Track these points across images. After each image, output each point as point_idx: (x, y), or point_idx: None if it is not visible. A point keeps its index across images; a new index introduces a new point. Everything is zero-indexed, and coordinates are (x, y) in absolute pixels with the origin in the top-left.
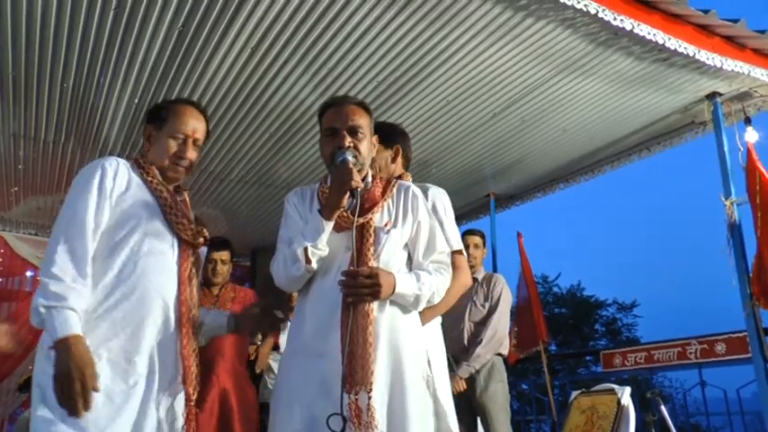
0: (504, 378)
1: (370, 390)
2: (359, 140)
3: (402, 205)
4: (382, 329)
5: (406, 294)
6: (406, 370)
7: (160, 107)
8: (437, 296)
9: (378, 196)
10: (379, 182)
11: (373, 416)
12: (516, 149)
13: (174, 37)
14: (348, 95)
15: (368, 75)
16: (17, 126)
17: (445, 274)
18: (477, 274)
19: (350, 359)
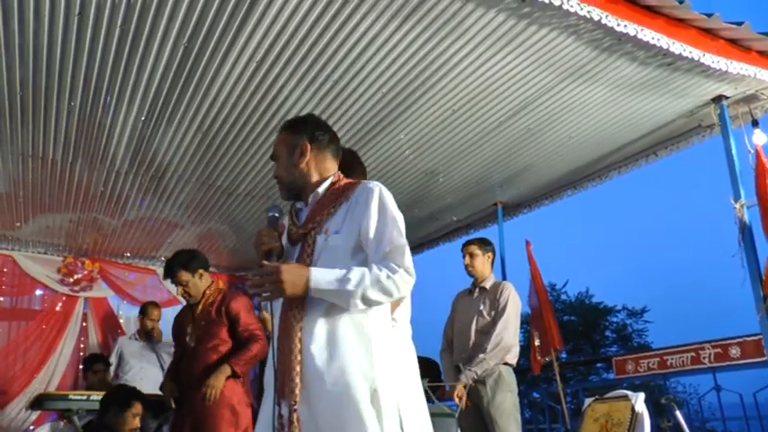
0: (512, 388)
1: (294, 402)
2: (278, 164)
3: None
4: (315, 338)
5: (323, 290)
6: (342, 382)
7: None
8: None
9: (326, 204)
10: (339, 186)
11: (295, 428)
12: (523, 157)
13: (180, 53)
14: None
15: (372, 87)
16: (25, 146)
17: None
18: (484, 283)
19: (279, 370)
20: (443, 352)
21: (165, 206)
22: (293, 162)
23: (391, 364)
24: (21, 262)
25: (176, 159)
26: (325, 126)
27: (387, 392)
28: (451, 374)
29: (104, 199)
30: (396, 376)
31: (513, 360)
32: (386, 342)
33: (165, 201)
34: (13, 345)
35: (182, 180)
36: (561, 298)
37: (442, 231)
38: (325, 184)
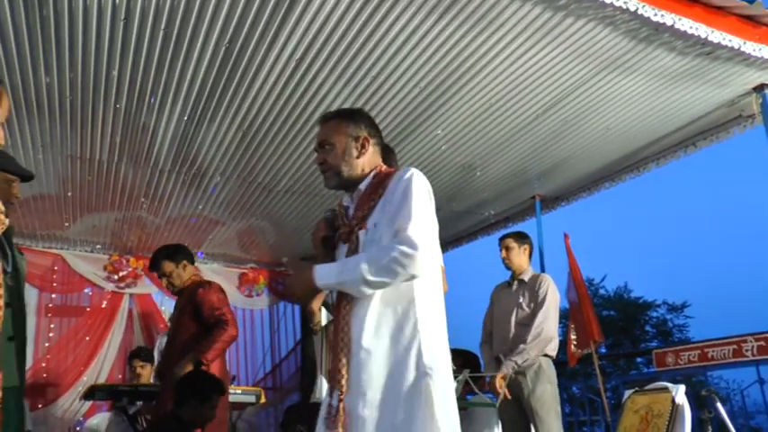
0: (552, 380)
1: (341, 392)
2: (327, 153)
3: (388, 199)
4: (363, 328)
5: (330, 284)
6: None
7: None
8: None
9: (367, 198)
10: (379, 179)
11: (340, 418)
12: (560, 150)
13: (221, 54)
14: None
15: (410, 82)
16: (73, 148)
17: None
18: (523, 276)
19: (330, 360)
20: (483, 344)
21: (207, 203)
22: (352, 154)
23: (439, 352)
24: (69, 260)
25: (218, 157)
26: (376, 125)
27: (434, 380)
28: (491, 366)
29: (148, 197)
30: (444, 363)
31: (552, 352)
32: (433, 329)
33: (207, 198)
34: (65, 340)
35: (223, 177)
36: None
37: (480, 225)
38: (368, 178)
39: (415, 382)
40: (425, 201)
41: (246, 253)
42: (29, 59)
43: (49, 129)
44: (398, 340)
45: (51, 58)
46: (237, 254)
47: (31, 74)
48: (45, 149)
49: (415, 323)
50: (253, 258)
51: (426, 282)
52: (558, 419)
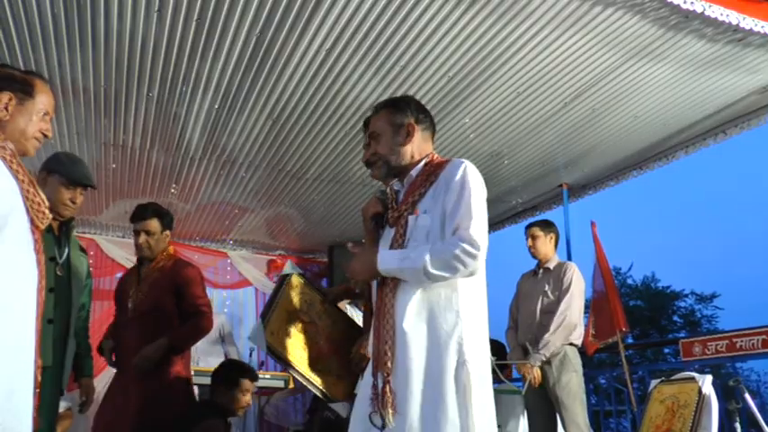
0: (578, 368)
1: (387, 373)
2: (377, 143)
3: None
4: (407, 314)
5: (391, 270)
6: (429, 356)
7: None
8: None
9: (418, 184)
10: (431, 166)
11: (389, 398)
12: (588, 138)
13: (252, 43)
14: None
15: (439, 71)
16: (107, 135)
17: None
18: (548, 264)
19: (374, 344)
20: (509, 330)
21: (237, 191)
22: (399, 141)
23: (479, 342)
24: (102, 245)
25: (247, 145)
26: (425, 108)
27: (472, 368)
28: (517, 353)
29: (178, 184)
30: (482, 353)
31: (577, 340)
32: (474, 319)
33: (237, 186)
34: (98, 323)
35: (252, 165)
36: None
37: (507, 213)
38: (420, 165)
39: (453, 371)
40: (482, 196)
41: (275, 240)
42: (66, 49)
43: (84, 116)
44: (440, 327)
45: (87, 48)
46: (266, 241)
47: (68, 63)
48: (80, 137)
49: (458, 312)
50: (281, 245)
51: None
52: (583, 408)
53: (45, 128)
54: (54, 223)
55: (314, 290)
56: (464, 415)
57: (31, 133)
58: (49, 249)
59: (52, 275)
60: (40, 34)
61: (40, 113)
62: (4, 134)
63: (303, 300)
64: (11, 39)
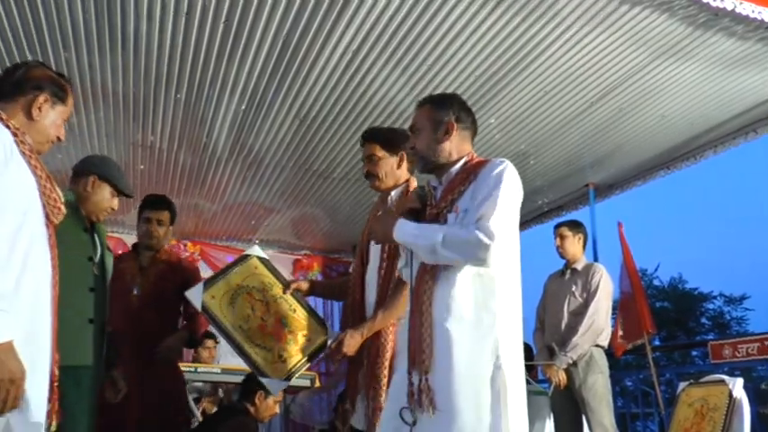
0: (604, 370)
1: (425, 371)
2: (416, 138)
3: (478, 186)
4: (444, 312)
5: (404, 240)
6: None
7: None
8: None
9: (457, 183)
10: (470, 165)
11: (429, 397)
12: (614, 138)
13: (279, 45)
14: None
15: (465, 71)
16: (135, 136)
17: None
18: (576, 265)
19: (411, 340)
20: (536, 332)
21: (263, 191)
22: (437, 138)
23: (514, 346)
24: (130, 244)
25: (274, 146)
26: (468, 108)
27: (508, 371)
28: (544, 354)
29: (205, 185)
30: (517, 356)
31: (604, 342)
32: (510, 323)
33: (263, 186)
34: None
35: (279, 165)
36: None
37: (533, 214)
38: (459, 163)
39: (488, 374)
40: (513, 195)
41: (301, 240)
42: (96, 53)
43: (114, 118)
44: (477, 329)
45: (117, 51)
46: (292, 240)
47: (98, 67)
48: (109, 138)
49: (495, 315)
50: (307, 245)
51: (507, 276)
52: (609, 410)
53: (62, 132)
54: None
55: (275, 276)
56: (497, 419)
57: (52, 136)
58: (86, 249)
59: (92, 275)
60: (71, 38)
61: (63, 119)
62: (28, 131)
63: (259, 280)
64: (44, 42)
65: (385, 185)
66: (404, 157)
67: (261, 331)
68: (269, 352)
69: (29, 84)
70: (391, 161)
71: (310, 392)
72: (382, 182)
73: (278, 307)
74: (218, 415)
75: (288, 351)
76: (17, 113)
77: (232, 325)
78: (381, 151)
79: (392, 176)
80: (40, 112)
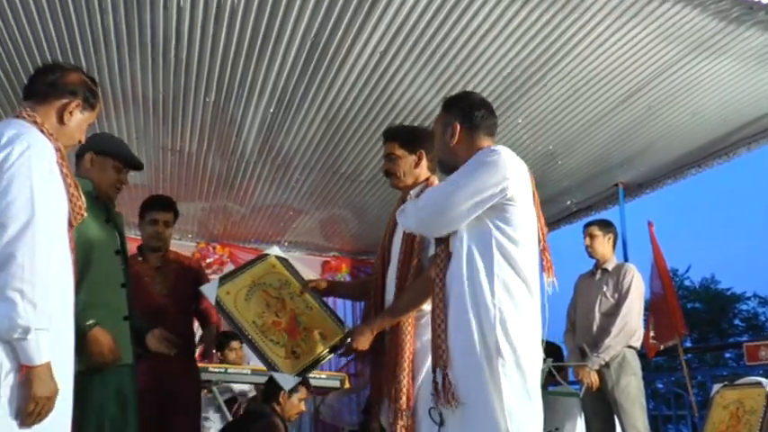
0: (637, 372)
1: (444, 366)
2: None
3: None
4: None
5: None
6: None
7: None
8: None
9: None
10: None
11: (449, 392)
12: (644, 136)
13: (307, 47)
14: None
15: (493, 70)
16: (165, 140)
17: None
18: (606, 265)
19: (432, 337)
20: (567, 333)
21: (291, 193)
22: (445, 141)
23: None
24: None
25: (302, 148)
26: (480, 103)
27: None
28: (575, 355)
29: (234, 187)
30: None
31: (636, 343)
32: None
33: (291, 188)
34: None
35: (307, 167)
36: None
37: (562, 214)
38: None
39: (486, 361)
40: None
41: (329, 242)
42: (126, 56)
43: (144, 122)
44: (477, 319)
45: (147, 54)
46: (320, 242)
47: (128, 71)
48: (139, 142)
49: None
50: (335, 247)
51: (510, 261)
52: (643, 412)
53: (83, 137)
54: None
55: (293, 275)
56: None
57: (75, 140)
58: (113, 242)
59: (121, 270)
60: (102, 42)
61: (88, 124)
62: (57, 134)
63: (276, 278)
64: (75, 45)
65: (404, 184)
66: (422, 155)
67: (275, 327)
68: (282, 347)
69: (65, 88)
70: (410, 159)
71: (340, 393)
72: (401, 180)
73: (294, 305)
74: (247, 416)
75: (301, 347)
76: (50, 116)
77: (246, 320)
78: (400, 150)
79: (411, 175)
80: (71, 117)
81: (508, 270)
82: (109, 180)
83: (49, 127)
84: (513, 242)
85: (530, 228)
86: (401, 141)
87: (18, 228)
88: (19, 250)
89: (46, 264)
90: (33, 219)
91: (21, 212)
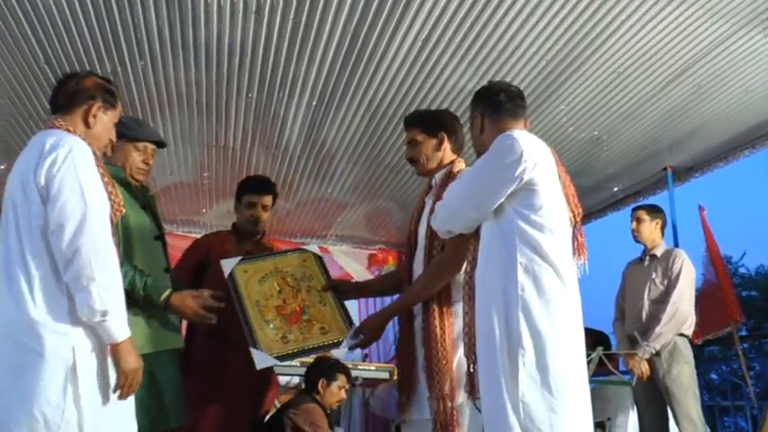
0: (689, 360)
1: (472, 358)
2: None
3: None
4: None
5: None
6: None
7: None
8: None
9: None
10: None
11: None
12: (693, 117)
13: (348, 39)
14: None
15: (534, 57)
16: (209, 137)
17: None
18: (655, 251)
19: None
20: (616, 321)
21: (336, 186)
22: (474, 134)
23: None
24: None
25: (346, 140)
26: (499, 89)
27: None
28: (624, 344)
29: (278, 183)
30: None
31: (688, 331)
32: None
33: (335, 181)
34: None
35: (351, 160)
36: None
37: (608, 201)
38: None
39: (507, 351)
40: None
41: (375, 234)
42: (170, 58)
43: (188, 121)
44: (498, 308)
45: (189, 55)
46: (366, 235)
47: (172, 71)
48: (184, 140)
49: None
50: (381, 239)
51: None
52: (696, 401)
53: (114, 135)
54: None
55: (322, 272)
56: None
57: (104, 141)
58: (152, 228)
59: (162, 255)
60: (146, 46)
61: (114, 123)
62: (88, 139)
63: (301, 270)
64: (122, 53)
65: (428, 168)
66: (444, 138)
67: (276, 311)
68: (274, 330)
69: (84, 94)
70: (431, 143)
71: (389, 385)
72: (425, 165)
73: (308, 297)
74: (289, 401)
75: (294, 335)
76: (77, 123)
77: (249, 297)
78: (421, 135)
79: (434, 159)
80: (95, 120)
81: (532, 256)
82: (132, 163)
83: (80, 133)
84: (537, 227)
85: (557, 211)
86: (422, 126)
87: (76, 225)
88: (83, 244)
89: (108, 249)
90: (88, 213)
91: (76, 210)
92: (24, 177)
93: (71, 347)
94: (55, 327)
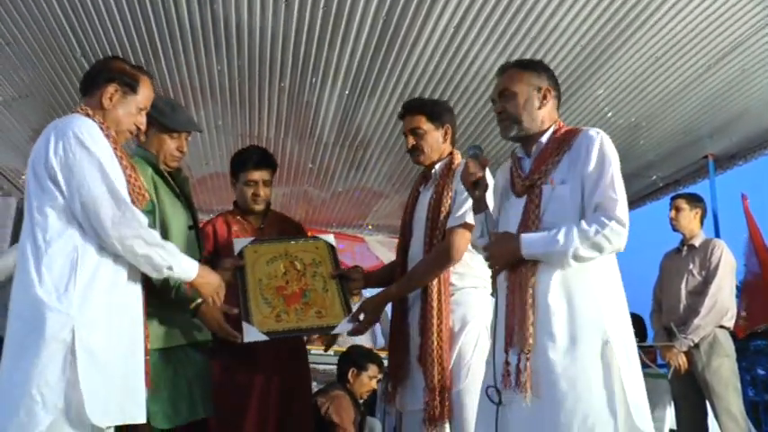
0: (730, 353)
1: (528, 351)
2: (507, 102)
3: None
4: (549, 290)
5: (536, 254)
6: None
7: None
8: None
9: (549, 153)
10: (560, 134)
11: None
12: (736, 103)
13: (379, 26)
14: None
15: (570, 41)
16: (243, 127)
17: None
18: (693, 241)
19: (509, 319)
20: (653, 313)
21: (371, 175)
22: (534, 104)
23: (620, 317)
24: None
25: (380, 128)
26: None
27: (618, 346)
28: (662, 336)
29: (313, 173)
30: (625, 330)
31: (729, 323)
32: (614, 295)
33: (370, 170)
34: None
35: (386, 148)
36: None
37: (647, 190)
38: (549, 132)
39: (595, 348)
40: (619, 169)
41: None
42: (203, 51)
43: (222, 111)
44: (581, 306)
45: (222, 47)
46: None
47: (205, 63)
48: (218, 131)
49: (595, 289)
50: None
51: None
52: (737, 396)
53: (141, 121)
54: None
55: (332, 260)
56: (612, 396)
57: (125, 125)
58: (185, 217)
59: (196, 245)
60: (179, 39)
61: (139, 108)
62: (105, 122)
63: (312, 257)
64: (155, 45)
65: (430, 160)
66: (449, 129)
67: (277, 291)
68: (270, 308)
69: (103, 76)
70: (437, 134)
71: None
72: (428, 156)
73: (312, 281)
74: (321, 389)
75: (289, 315)
76: (95, 106)
77: (254, 275)
78: (427, 124)
79: (437, 150)
80: (111, 102)
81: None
82: (164, 150)
83: (98, 116)
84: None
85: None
86: (428, 115)
87: (101, 201)
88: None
89: (137, 213)
90: (111, 186)
91: (96, 187)
92: (35, 160)
93: (71, 328)
94: (58, 307)
